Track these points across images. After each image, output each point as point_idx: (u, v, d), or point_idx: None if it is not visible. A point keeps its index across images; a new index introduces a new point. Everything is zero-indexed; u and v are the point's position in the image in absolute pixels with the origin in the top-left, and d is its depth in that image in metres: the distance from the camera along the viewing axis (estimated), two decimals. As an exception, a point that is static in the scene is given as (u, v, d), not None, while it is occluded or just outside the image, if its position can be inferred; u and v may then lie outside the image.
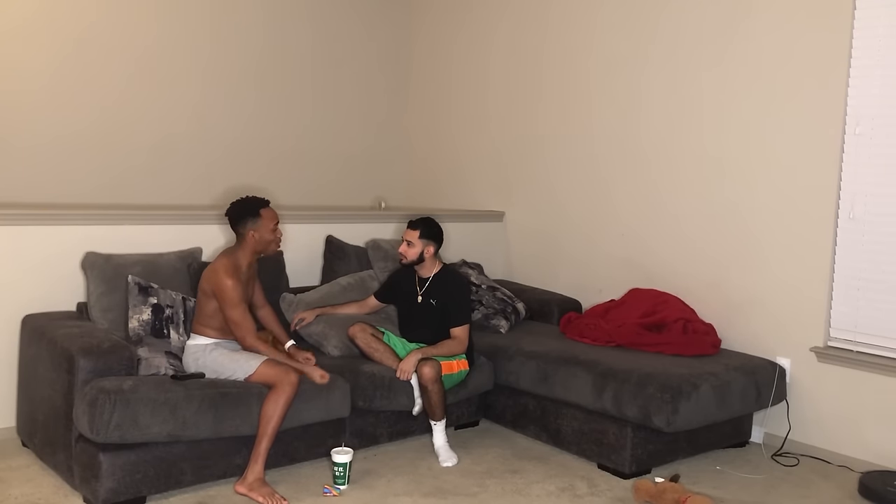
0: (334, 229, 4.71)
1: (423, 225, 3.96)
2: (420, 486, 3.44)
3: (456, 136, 6.01)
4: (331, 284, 4.36)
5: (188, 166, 5.39)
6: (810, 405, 4.01)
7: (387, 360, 3.82)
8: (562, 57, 5.19)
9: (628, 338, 4.13)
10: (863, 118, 3.80)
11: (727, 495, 3.45)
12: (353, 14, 6.14)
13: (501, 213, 5.64)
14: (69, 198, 4.90)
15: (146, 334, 3.50)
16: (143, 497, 3.14)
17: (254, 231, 3.51)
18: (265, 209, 3.56)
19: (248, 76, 5.67)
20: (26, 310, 3.72)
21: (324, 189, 6.02)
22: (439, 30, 6.15)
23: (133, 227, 4.04)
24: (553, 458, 3.85)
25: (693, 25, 4.44)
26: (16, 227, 3.75)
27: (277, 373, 3.32)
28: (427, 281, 4.02)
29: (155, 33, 5.24)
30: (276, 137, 5.81)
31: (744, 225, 4.24)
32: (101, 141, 5.08)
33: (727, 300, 4.30)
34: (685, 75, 4.49)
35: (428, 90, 6.27)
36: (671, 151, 4.58)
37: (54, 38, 4.89)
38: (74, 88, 4.98)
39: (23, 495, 3.18)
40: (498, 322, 4.55)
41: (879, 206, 3.78)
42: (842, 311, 3.91)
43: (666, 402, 3.46)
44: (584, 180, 5.07)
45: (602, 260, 4.96)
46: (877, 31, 3.74)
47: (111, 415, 2.97)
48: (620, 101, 4.84)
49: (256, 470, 3.24)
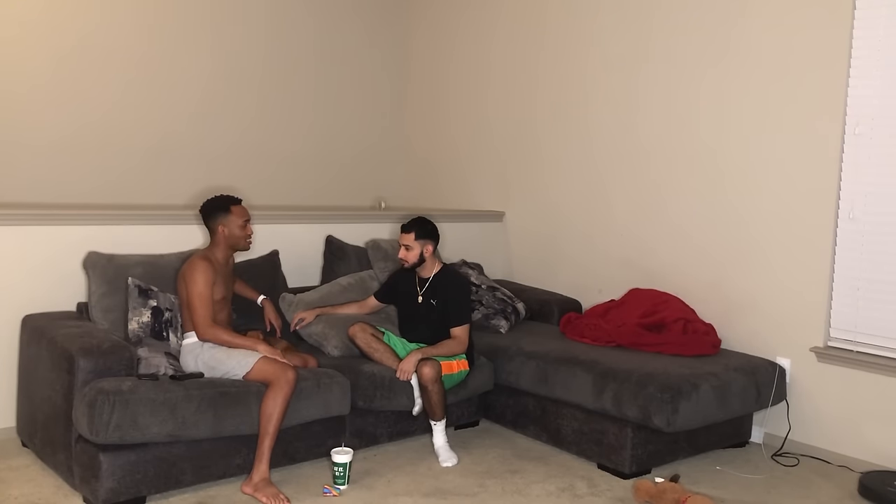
0: (334, 229, 4.71)
1: (417, 226, 3.95)
2: (420, 486, 3.44)
3: (456, 137, 6.01)
4: (331, 284, 4.36)
5: (188, 167, 5.39)
6: (810, 405, 4.01)
7: (387, 360, 3.82)
8: (561, 57, 5.19)
9: (628, 338, 4.13)
10: (863, 118, 3.80)
11: (727, 495, 3.45)
12: (353, 15, 6.14)
13: (501, 213, 5.64)
14: (70, 198, 4.90)
15: (146, 336, 3.50)
16: (143, 497, 3.14)
17: (224, 227, 3.59)
18: (236, 206, 3.64)
19: (249, 77, 5.67)
20: (26, 310, 3.72)
21: (324, 189, 6.03)
22: (438, 30, 6.15)
23: (133, 228, 4.04)
24: (553, 458, 3.85)
25: (692, 24, 4.44)
26: (16, 227, 3.76)
27: (275, 370, 3.32)
28: (427, 281, 4.02)
29: (156, 34, 5.25)
30: (276, 137, 5.82)
31: (744, 225, 4.24)
32: (101, 141, 5.09)
33: (727, 300, 4.30)
34: (685, 75, 4.49)
35: (427, 90, 6.27)
36: (671, 151, 4.58)
37: (55, 39, 4.90)
38: (76, 88, 4.99)
39: (23, 495, 3.19)
40: (498, 322, 4.55)
41: (879, 206, 3.78)
42: (842, 311, 3.91)
43: (666, 402, 3.46)
44: (584, 180, 5.07)
45: (602, 260, 4.96)
46: (877, 31, 3.74)
47: (110, 416, 2.97)
48: (620, 100, 4.84)
49: (262, 470, 3.25)
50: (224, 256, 3.62)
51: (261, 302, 3.96)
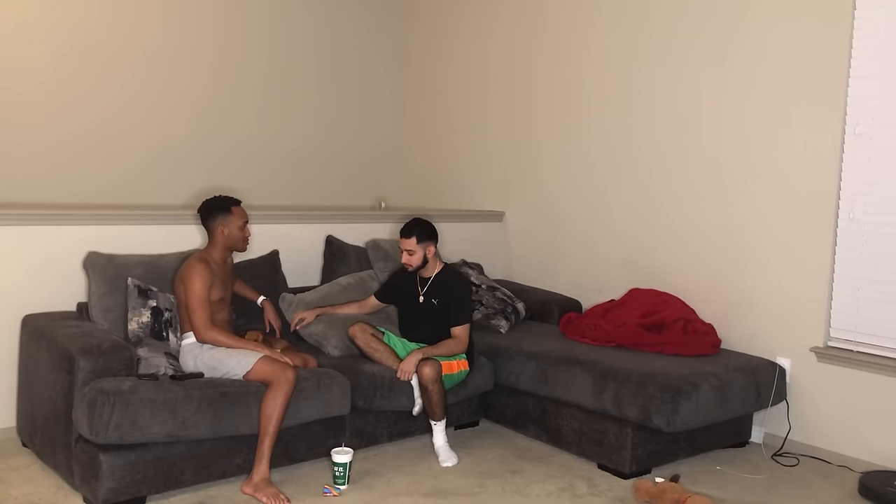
0: (334, 229, 4.71)
1: (417, 230, 3.94)
2: (420, 486, 3.44)
3: (456, 137, 6.01)
4: (331, 284, 4.36)
5: (189, 167, 5.39)
6: (810, 405, 4.01)
7: (387, 360, 3.82)
8: (561, 56, 5.19)
9: (628, 338, 4.13)
10: (863, 118, 3.80)
11: (727, 495, 3.45)
12: (353, 14, 6.14)
13: (501, 214, 5.64)
14: (69, 198, 4.90)
15: (145, 336, 3.50)
16: (143, 497, 3.14)
17: (223, 227, 3.59)
18: (236, 207, 3.66)
19: (249, 77, 5.67)
20: (26, 310, 3.72)
21: (324, 189, 6.03)
22: (438, 30, 6.15)
23: (133, 228, 4.04)
24: (553, 458, 3.85)
25: (692, 25, 4.44)
26: (16, 227, 3.76)
27: (274, 370, 3.32)
28: (429, 281, 4.02)
29: (156, 34, 5.25)
30: (276, 137, 5.81)
31: (744, 225, 4.24)
32: (101, 141, 5.09)
33: (727, 300, 4.30)
34: (685, 75, 4.49)
35: (428, 90, 6.27)
36: (671, 151, 4.58)
37: (55, 39, 4.89)
38: (76, 88, 4.99)
39: (23, 495, 3.19)
40: (498, 322, 4.55)
41: (879, 206, 3.78)
42: (842, 311, 3.91)
43: (666, 402, 3.46)
44: (583, 180, 5.07)
45: (602, 260, 4.96)
46: (877, 32, 3.74)
47: (110, 416, 2.97)
48: (619, 100, 4.84)
49: (262, 470, 3.25)
50: (222, 257, 3.62)
51: (261, 303, 3.97)
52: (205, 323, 3.42)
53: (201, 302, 3.42)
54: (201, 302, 3.42)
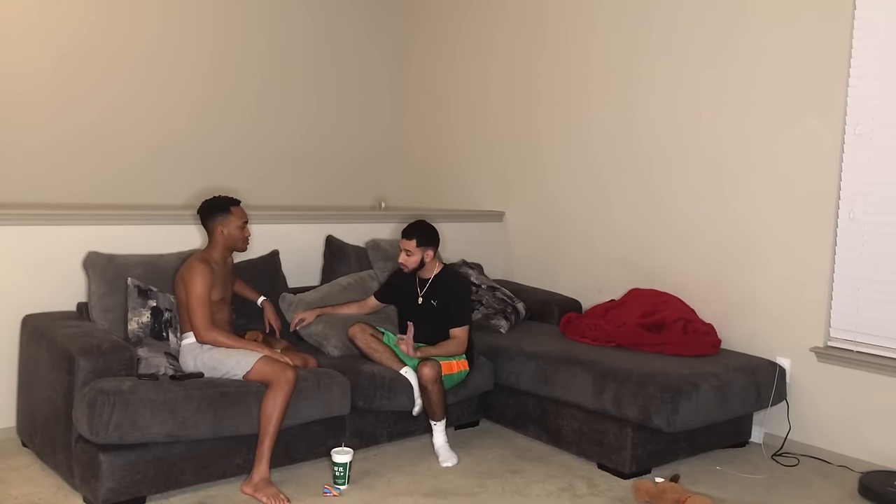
0: (334, 229, 4.71)
1: (419, 233, 3.94)
2: (420, 486, 3.44)
3: (455, 136, 6.01)
4: (331, 284, 4.36)
5: (188, 166, 5.39)
6: (810, 405, 4.01)
7: (387, 361, 3.82)
8: (561, 56, 5.19)
9: (628, 338, 4.13)
10: (863, 118, 3.80)
11: (727, 495, 3.45)
12: (353, 15, 6.14)
13: (501, 213, 5.64)
14: (69, 198, 4.90)
15: (145, 336, 3.50)
16: (143, 497, 3.14)
17: (223, 227, 3.59)
18: (235, 207, 3.66)
19: (249, 77, 5.67)
20: (26, 310, 3.72)
21: (324, 189, 6.03)
22: (439, 29, 6.15)
23: (133, 228, 4.04)
24: (553, 458, 3.85)
25: (691, 25, 4.44)
26: (16, 227, 3.76)
27: (274, 370, 3.32)
28: (428, 282, 4.02)
29: (155, 34, 5.25)
30: (276, 137, 5.82)
31: (744, 225, 4.24)
32: (101, 141, 5.09)
33: (727, 300, 4.30)
34: (684, 75, 4.49)
35: (428, 90, 6.27)
36: (671, 151, 4.58)
37: (55, 39, 4.90)
38: (75, 88, 4.99)
39: (23, 495, 3.19)
40: (498, 322, 4.55)
41: (879, 206, 3.78)
42: (842, 311, 3.91)
43: (666, 402, 3.46)
44: (583, 180, 5.07)
45: (602, 260, 4.96)
46: (877, 32, 3.74)
47: (110, 416, 2.97)
48: (619, 100, 4.84)
49: (261, 470, 3.25)
50: (222, 257, 3.63)
51: (261, 303, 3.96)
52: (205, 323, 3.42)
53: (202, 302, 3.42)
54: (202, 302, 3.42)
